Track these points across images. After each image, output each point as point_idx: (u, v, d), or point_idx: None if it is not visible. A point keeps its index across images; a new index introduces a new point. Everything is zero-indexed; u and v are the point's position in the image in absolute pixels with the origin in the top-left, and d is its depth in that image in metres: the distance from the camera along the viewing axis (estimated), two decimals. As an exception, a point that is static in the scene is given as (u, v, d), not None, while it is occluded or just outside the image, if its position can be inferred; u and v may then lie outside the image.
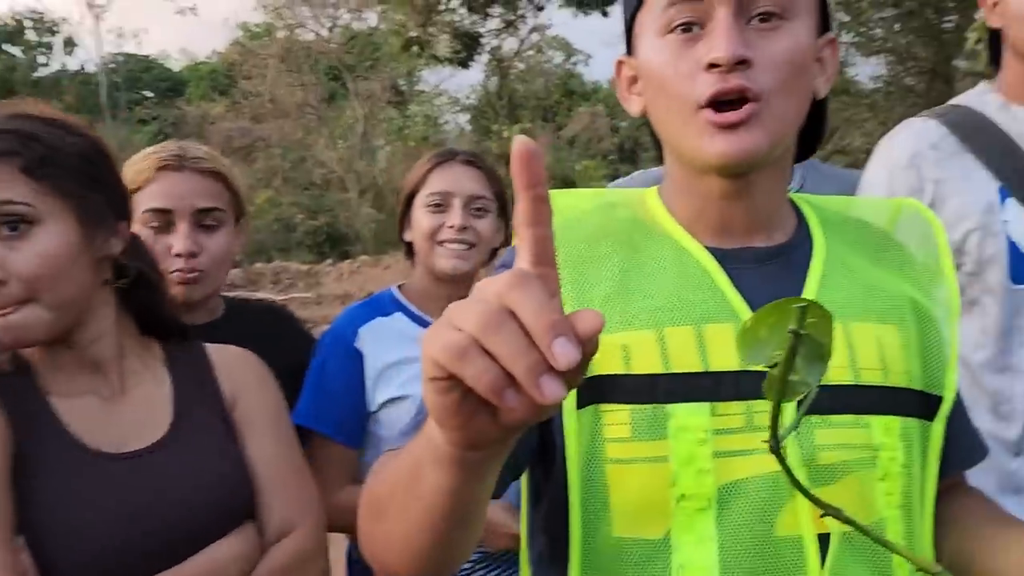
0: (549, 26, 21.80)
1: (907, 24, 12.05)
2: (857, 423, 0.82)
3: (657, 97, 0.84)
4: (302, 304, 13.24)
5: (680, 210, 0.90)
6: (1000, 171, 1.39)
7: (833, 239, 0.91)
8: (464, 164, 1.64)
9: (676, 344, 0.81)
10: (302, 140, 23.04)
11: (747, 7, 0.79)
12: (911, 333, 0.88)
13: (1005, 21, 1.42)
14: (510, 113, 18.71)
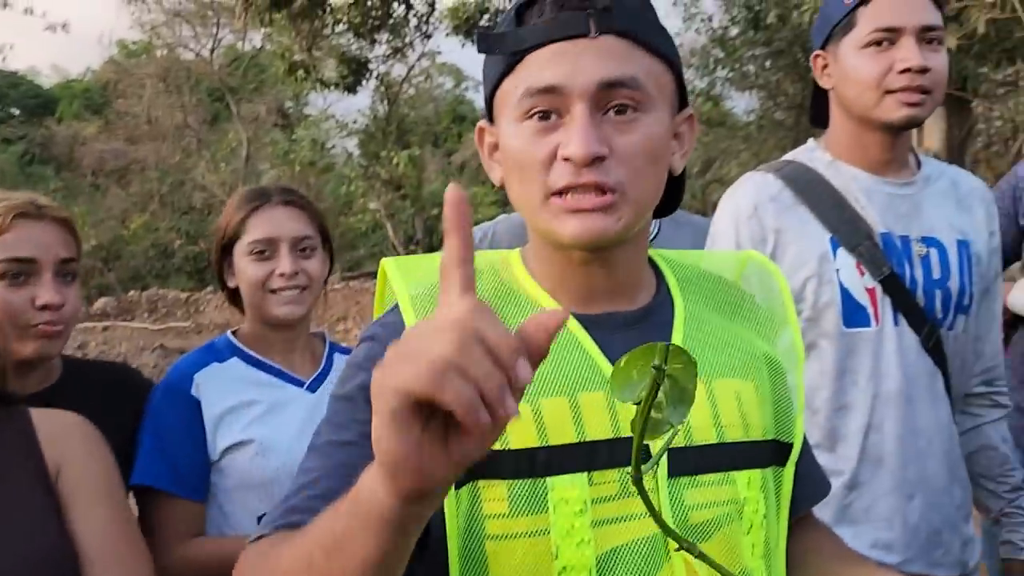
0: (439, 53, 21.92)
1: (776, 62, 12.74)
2: (724, 480, 0.84)
3: (514, 177, 0.85)
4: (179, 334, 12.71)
5: (543, 276, 0.89)
6: (830, 223, 1.47)
7: (691, 298, 0.93)
8: (284, 205, 1.59)
9: (552, 415, 0.81)
10: (181, 163, 22.26)
11: (603, 102, 0.80)
12: (765, 386, 0.91)
13: (838, 83, 1.51)
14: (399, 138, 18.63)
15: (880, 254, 1.46)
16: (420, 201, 17.73)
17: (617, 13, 0.81)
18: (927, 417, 1.47)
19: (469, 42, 13.11)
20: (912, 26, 1.43)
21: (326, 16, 12.09)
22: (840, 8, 1.49)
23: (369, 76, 14.59)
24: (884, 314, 1.46)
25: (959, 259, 1.51)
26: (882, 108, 1.45)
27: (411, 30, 13.88)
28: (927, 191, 1.54)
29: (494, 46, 0.84)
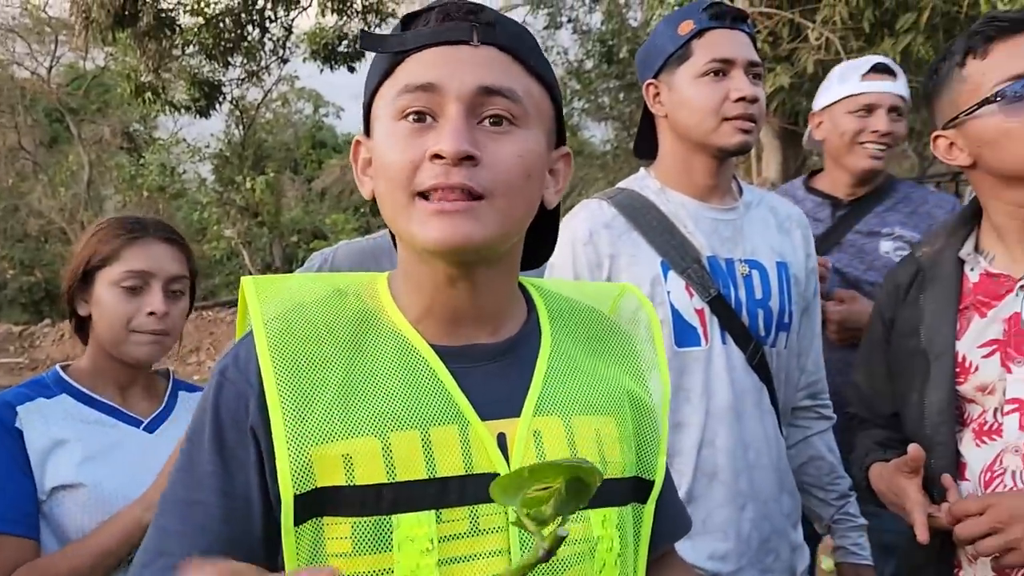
0: (296, 77, 21.50)
1: (629, 94, 13.29)
2: (577, 518, 0.83)
3: (382, 181, 0.82)
4: (11, 370, 11.74)
5: (409, 302, 0.87)
6: (661, 247, 1.54)
7: (560, 331, 0.93)
8: (163, 241, 1.52)
9: (402, 451, 0.79)
10: (15, 187, 20.71)
11: (479, 108, 0.80)
12: (627, 423, 0.91)
13: (672, 110, 1.59)
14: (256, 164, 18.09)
15: (708, 277, 1.53)
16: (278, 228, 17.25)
17: (499, 29, 0.83)
18: (756, 431, 1.55)
19: (328, 68, 12.94)
20: (742, 59, 1.53)
21: (175, 37, 11.62)
22: (675, 39, 1.57)
23: (223, 99, 14.10)
24: (712, 334, 1.53)
25: (779, 280, 1.60)
26: (719, 134, 1.53)
27: (267, 54, 13.55)
28: (748, 216, 1.63)
29: (376, 44, 0.84)
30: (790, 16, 7.50)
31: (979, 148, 1.31)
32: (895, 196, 2.15)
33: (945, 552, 1.32)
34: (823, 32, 7.12)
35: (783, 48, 7.70)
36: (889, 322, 1.48)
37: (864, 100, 2.09)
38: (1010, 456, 1.26)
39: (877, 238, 2.09)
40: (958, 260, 1.38)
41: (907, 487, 1.29)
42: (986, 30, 1.29)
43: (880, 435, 1.49)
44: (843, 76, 2.17)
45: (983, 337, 1.31)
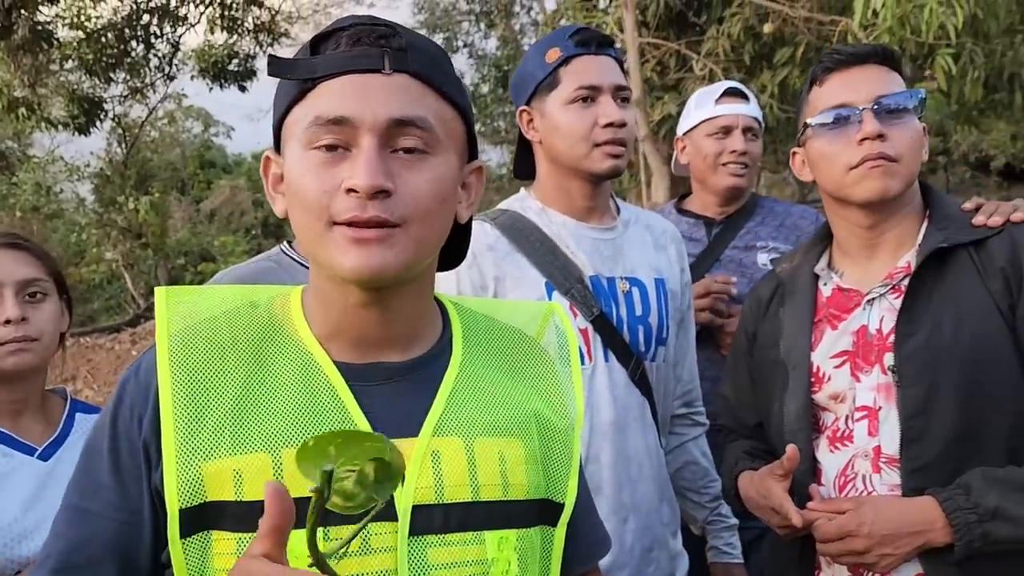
0: (184, 96, 20.84)
1: (524, 119, 13.47)
2: (473, 540, 0.83)
3: (296, 207, 0.82)
4: None
5: (318, 319, 0.87)
6: (545, 268, 1.57)
7: (472, 351, 0.93)
8: (6, 248, 1.46)
9: (293, 467, 0.77)
10: None
11: (391, 139, 0.80)
12: (535, 445, 0.91)
13: (545, 136, 1.63)
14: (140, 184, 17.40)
15: (590, 296, 1.57)
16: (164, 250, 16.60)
17: (411, 55, 0.82)
18: (638, 445, 1.59)
19: (218, 86, 12.61)
20: (608, 85, 1.57)
21: (53, 51, 11.10)
22: (543, 67, 1.61)
23: (104, 117, 13.52)
24: (596, 352, 1.56)
25: (657, 296, 1.66)
26: (591, 160, 1.57)
27: (152, 70, 13.09)
28: (627, 234, 1.69)
29: (285, 71, 0.82)
30: (676, 47, 7.80)
31: (812, 167, 1.43)
32: (762, 212, 2.27)
33: (806, 555, 1.38)
34: (707, 63, 7.43)
35: (670, 77, 8.00)
36: (752, 336, 1.55)
37: (721, 122, 2.21)
38: (860, 460, 1.34)
39: (753, 251, 2.20)
40: (813, 276, 1.47)
41: (774, 487, 1.35)
42: (827, 61, 1.39)
43: (747, 445, 1.56)
44: (700, 102, 2.29)
45: (835, 348, 1.39)
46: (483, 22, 13.71)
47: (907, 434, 1.28)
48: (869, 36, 5.60)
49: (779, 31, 6.98)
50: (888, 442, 1.31)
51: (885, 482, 1.30)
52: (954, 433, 1.25)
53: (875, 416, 1.33)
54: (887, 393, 1.32)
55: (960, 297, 1.29)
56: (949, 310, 1.29)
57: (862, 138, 1.32)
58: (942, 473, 1.25)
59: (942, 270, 1.31)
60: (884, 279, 1.37)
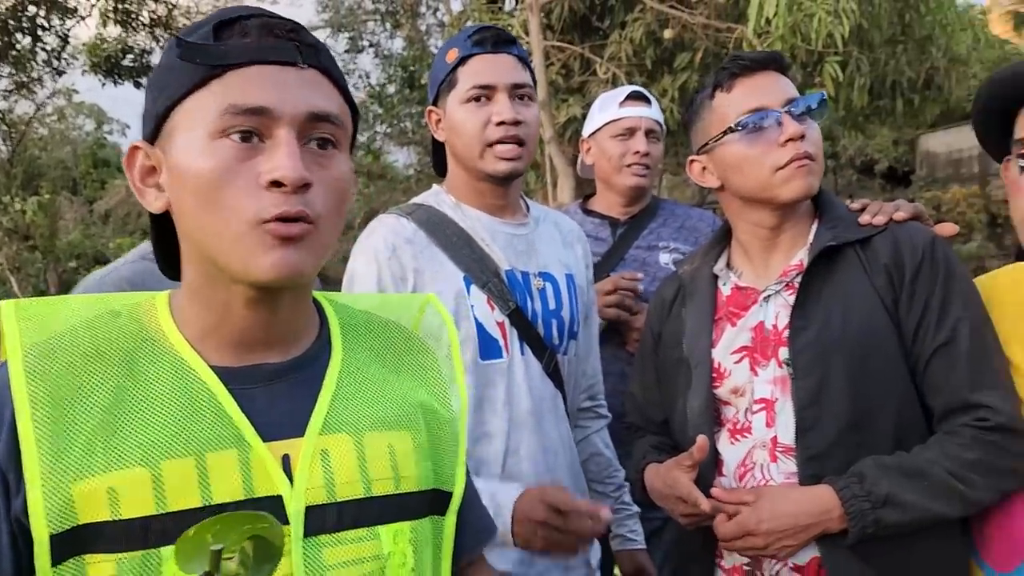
0: (75, 91, 19.91)
1: (432, 120, 13.41)
2: (367, 536, 0.83)
3: (203, 204, 0.78)
4: None
5: (193, 322, 0.84)
6: (462, 262, 1.58)
7: (354, 346, 0.92)
8: None
9: (174, 479, 0.75)
10: None
11: (306, 132, 0.79)
12: (423, 436, 0.91)
13: (449, 136, 1.64)
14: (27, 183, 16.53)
15: (507, 290, 1.58)
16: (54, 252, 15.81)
17: (319, 51, 0.83)
18: (553, 436, 1.62)
19: (111, 82, 12.09)
20: (504, 83, 1.59)
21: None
22: (444, 67, 1.63)
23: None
24: (512, 345, 1.58)
25: (568, 291, 1.70)
26: (485, 162, 1.59)
27: (39, 64, 12.46)
28: (538, 231, 1.71)
29: (195, 54, 0.79)
30: (580, 51, 7.93)
31: (725, 172, 1.46)
32: (663, 213, 2.35)
33: (708, 543, 1.44)
34: (610, 67, 7.58)
35: (575, 80, 8.12)
36: (657, 335, 1.60)
37: (624, 124, 2.28)
38: (759, 451, 1.40)
39: (656, 251, 2.27)
40: (712, 276, 1.52)
41: (681, 477, 1.39)
42: (731, 67, 1.44)
43: (654, 440, 1.61)
44: (604, 105, 2.36)
45: (734, 344, 1.45)
46: (389, 22, 13.59)
47: (801, 424, 1.34)
48: (763, 43, 5.84)
49: (679, 37, 7.19)
50: (784, 432, 1.37)
51: (782, 471, 1.37)
52: (845, 421, 1.32)
53: (772, 408, 1.39)
54: (783, 386, 1.38)
55: (848, 292, 1.36)
56: (838, 305, 1.36)
57: (786, 139, 1.37)
58: (835, 460, 1.32)
59: (831, 267, 1.38)
60: (779, 277, 1.44)
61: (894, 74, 7.66)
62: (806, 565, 1.34)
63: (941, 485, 1.26)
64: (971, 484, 1.25)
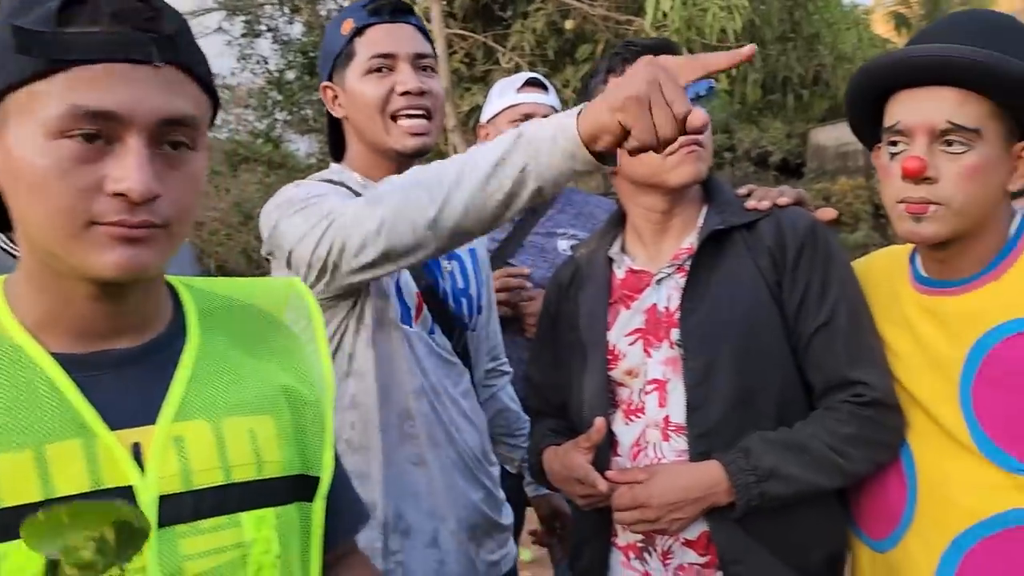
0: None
1: (333, 108, 13.15)
2: (228, 523, 0.80)
3: (38, 200, 0.73)
4: None
5: (31, 309, 0.79)
6: None
7: (211, 330, 0.88)
8: None
9: (8, 473, 0.71)
10: None
11: (160, 137, 0.75)
12: (286, 421, 0.88)
13: (349, 111, 1.58)
14: None
15: (420, 269, 1.56)
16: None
17: (180, 43, 0.76)
18: (453, 412, 1.58)
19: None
20: (405, 52, 1.54)
21: None
22: (339, 39, 1.56)
23: None
24: (424, 320, 1.55)
25: (473, 266, 1.70)
26: (392, 138, 1.53)
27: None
28: None
29: (32, 45, 0.72)
30: (483, 40, 7.92)
31: (618, 157, 1.47)
32: (561, 201, 2.37)
33: (604, 523, 1.46)
34: (513, 57, 7.61)
35: (478, 69, 8.12)
36: (553, 318, 1.62)
37: (522, 110, 2.29)
38: (652, 430, 1.43)
39: (554, 238, 2.29)
40: (608, 259, 1.54)
41: (579, 459, 1.40)
42: (623, 53, 1.45)
43: (552, 423, 1.62)
44: (502, 91, 2.37)
45: (629, 327, 1.48)
46: (287, 6, 13.24)
47: (691, 403, 1.38)
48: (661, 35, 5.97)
49: (580, 28, 7.27)
50: (675, 411, 1.40)
51: (674, 448, 1.40)
52: (732, 399, 1.37)
53: (664, 388, 1.42)
54: (675, 366, 1.42)
55: (735, 275, 1.40)
56: (726, 287, 1.40)
57: None
58: (723, 436, 1.36)
59: (720, 250, 1.42)
60: (671, 260, 1.47)
61: (785, 70, 7.97)
62: (696, 539, 1.38)
63: (821, 458, 1.32)
64: (848, 457, 1.32)
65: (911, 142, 1.26)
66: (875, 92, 1.31)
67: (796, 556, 1.37)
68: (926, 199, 1.24)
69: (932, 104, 1.24)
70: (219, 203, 11.65)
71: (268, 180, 14.13)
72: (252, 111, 13.87)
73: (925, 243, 1.30)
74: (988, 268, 1.28)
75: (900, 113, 1.27)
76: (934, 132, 1.23)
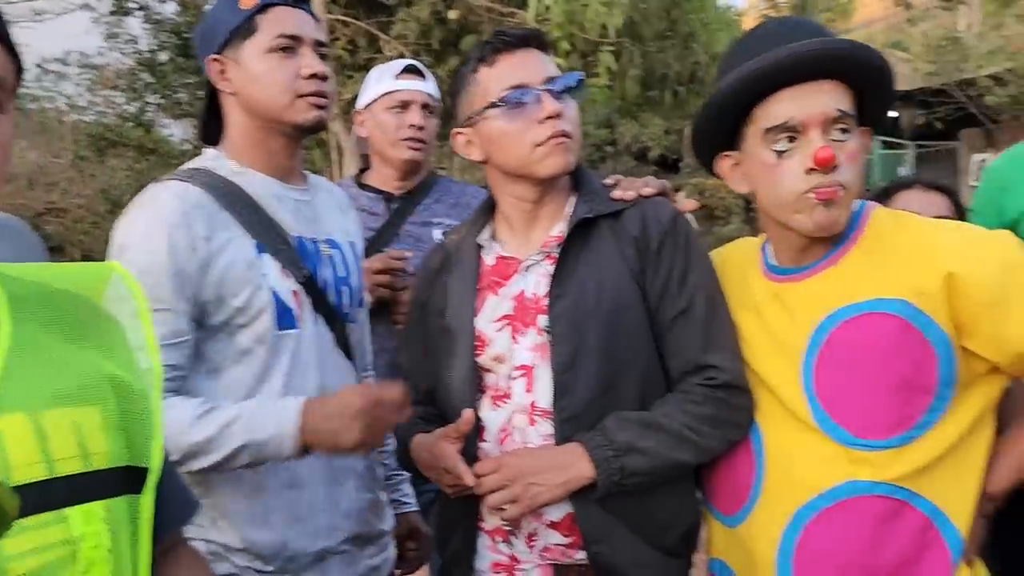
0: None
1: (209, 92, 12.67)
2: (54, 519, 0.76)
3: None
4: None
5: None
6: (253, 228, 1.51)
7: (24, 319, 0.83)
8: None
9: None
10: None
11: None
12: (113, 410, 0.85)
13: (242, 87, 1.55)
14: None
15: (297, 257, 1.53)
16: None
17: None
18: None
19: None
20: (310, 37, 1.54)
21: None
22: (238, 13, 1.53)
23: None
24: (305, 315, 1.53)
25: (353, 258, 1.68)
26: (294, 110, 1.52)
27: None
28: (318, 198, 1.67)
29: None
30: (367, 27, 7.81)
31: (487, 146, 1.49)
32: (438, 190, 2.37)
33: (471, 510, 1.47)
34: (397, 46, 7.53)
35: (361, 57, 7.99)
36: (423, 305, 1.61)
37: (400, 97, 2.27)
38: (519, 415, 1.45)
39: (430, 227, 2.28)
40: (476, 246, 1.56)
41: (447, 449, 1.41)
42: (494, 43, 1.46)
43: (422, 411, 1.61)
44: (379, 77, 2.34)
45: (496, 313, 1.49)
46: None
47: (558, 388, 1.41)
48: (543, 29, 6.04)
49: (464, 19, 7.27)
50: (542, 396, 1.43)
51: (540, 433, 1.42)
52: (597, 384, 1.40)
53: (531, 374, 1.45)
54: (542, 352, 1.44)
55: (601, 263, 1.43)
56: (593, 275, 1.43)
57: (545, 117, 1.41)
58: (588, 421, 1.39)
59: (587, 239, 1.45)
60: (540, 248, 1.49)
61: (663, 67, 8.22)
62: (560, 521, 1.41)
63: (676, 435, 1.37)
64: (702, 434, 1.37)
65: (803, 136, 1.29)
66: (752, 96, 1.32)
67: (655, 534, 1.42)
68: (839, 183, 1.28)
69: (821, 96, 1.28)
70: (84, 190, 11.02)
71: (139, 166, 13.43)
72: (121, 93, 13.17)
73: (833, 231, 1.32)
74: (829, 254, 1.36)
75: (790, 110, 1.28)
76: (827, 122, 1.28)
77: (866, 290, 1.30)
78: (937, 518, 1.27)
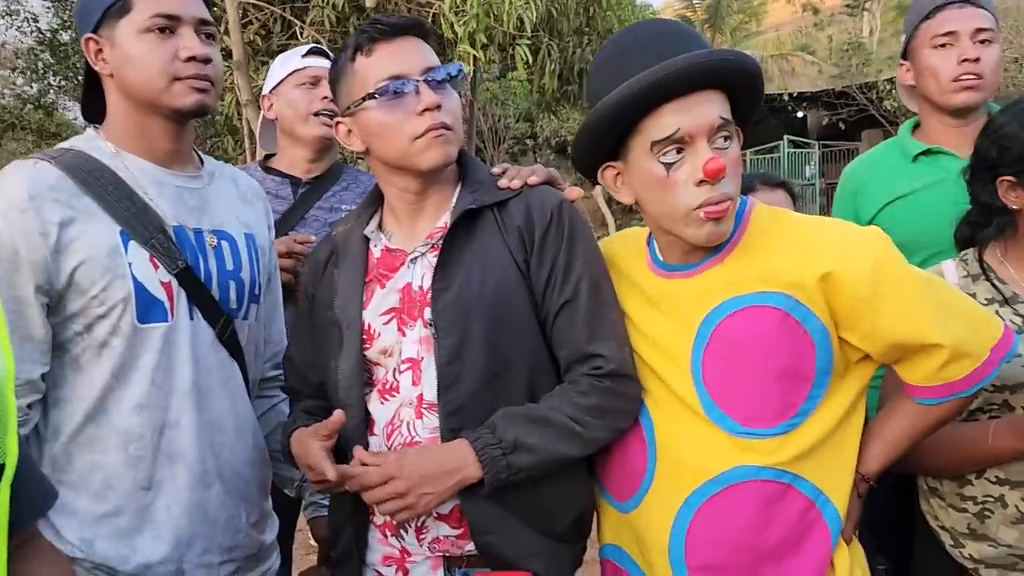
0: None
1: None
2: None
3: None
4: None
5: None
6: (120, 215, 1.44)
7: None
8: None
9: None
10: None
11: None
12: None
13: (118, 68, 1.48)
14: None
15: (174, 247, 1.47)
16: None
17: None
18: (224, 408, 1.54)
19: None
20: (190, 16, 1.48)
21: None
22: None
23: None
24: (179, 309, 1.47)
25: (248, 251, 1.62)
26: (172, 94, 1.46)
27: None
28: (213, 186, 1.61)
29: None
30: (281, 12, 7.62)
31: (367, 137, 1.46)
32: (348, 179, 2.35)
33: (360, 505, 1.45)
34: (313, 32, 7.38)
35: (275, 43, 7.80)
36: (311, 297, 1.58)
37: (309, 73, 2.26)
38: (406, 409, 1.43)
39: (338, 213, 2.25)
40: (364, 238, 1.53)
41: (313, 445, 1.39)
42: (371, 31, 1.42)
43: (309, 405, 1.59)
44: (285, 60, 2.34)
45: (384, 306, 1.47)
46: (63, -40, 12.08)
47: (443, 381, 1.39)
48: (460, 20, 6.00)
49: (381, 7, 7.17)
50: (428, 389, 1.41)
51: (426, 426, 1.41)
52: (483, 376, 1.39)
53: (418, 367, 1.43)
54: (428, 345, 1.42)
55: (486, 253, 1.42)
56: (477, 266, 1.41)
57: (423, 108, 1.38)
58: (474, 413, 1.38)
59: (472, 229, 1.44)
60: (425, 239, 1.47)
61: (580, 62, 8.27)
62: (448, 513, 1.40)
63: (563, 428, 1.37)
64: (587, 425, 1.38)
65: (691, 146, 1.29)
66: (641, 108, 1.30)
67: (545, 522, 1.42)
68: (727, 195, 1.29)
69: (706, 106, 1.29)
70: (-21, 174, 10.48)
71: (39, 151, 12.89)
72: (20, 74, 12.56)
73: (720, 241, 1.34)
74: (714, 253, 1.39)
75: (678, 121, 1.28)
76: (712, 131, 1.29)
77: (749, 284, 1.34)
78: (818, 499, 1.33)
